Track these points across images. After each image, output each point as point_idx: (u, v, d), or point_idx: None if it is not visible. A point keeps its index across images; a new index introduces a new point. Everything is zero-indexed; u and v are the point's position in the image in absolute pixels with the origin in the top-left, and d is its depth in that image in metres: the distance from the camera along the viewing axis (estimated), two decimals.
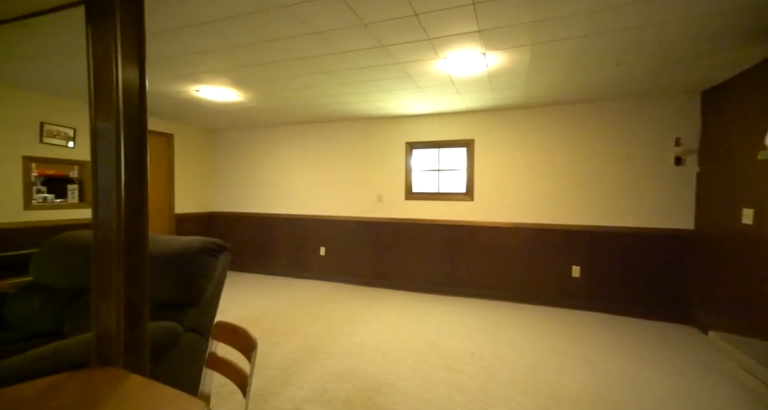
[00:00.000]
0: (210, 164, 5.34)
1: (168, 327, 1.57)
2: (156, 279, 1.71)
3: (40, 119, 3.36)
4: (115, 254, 1.18)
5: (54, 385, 1.02)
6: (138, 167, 1.22)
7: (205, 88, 3.13)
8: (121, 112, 1.17)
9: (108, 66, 1.17)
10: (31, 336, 1.89)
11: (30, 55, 2.37)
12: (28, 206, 3.30)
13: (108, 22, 1.18)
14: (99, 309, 1.24)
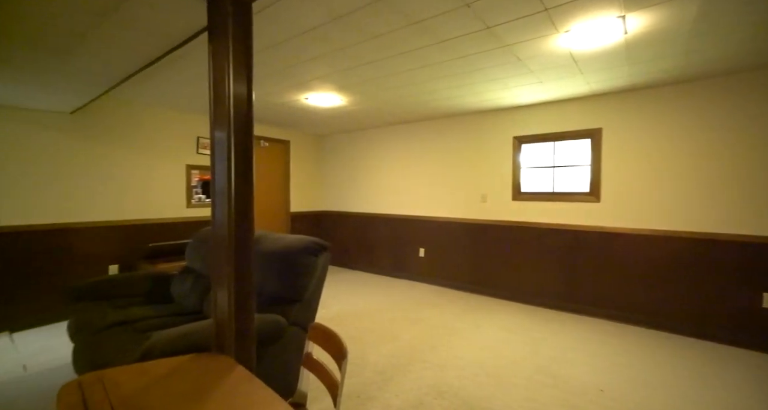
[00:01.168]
0: (319, 167, 5.82)
1: (275, 320, 1.67)
2: (266, 275, 1.86)
3: (196, 134, 4.16)
4: (227, 249, 1.29)
5: (180, 367, 1.15)
6: (245, 171, 1.31)
7: (313, 95, 3.38)
8: (232, 122, 1.27)
9: (222, 81, 1.28)
10: (184, 312, 2.28)
11: (182, 81, 2.91)
12: (189, 205, 4.12)
13: (222, 43, 1.29)
14: (217, 297, 1.38)
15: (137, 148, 3.64)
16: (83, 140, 3.29)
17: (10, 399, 2.00)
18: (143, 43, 1.73)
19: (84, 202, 3.30)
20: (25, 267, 3.00)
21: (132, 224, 3.59)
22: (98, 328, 1.93)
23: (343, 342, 1.21)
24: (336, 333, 1.26)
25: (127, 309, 2.22)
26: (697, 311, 2.89)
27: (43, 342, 2.77)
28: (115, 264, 3.49)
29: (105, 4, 1.37)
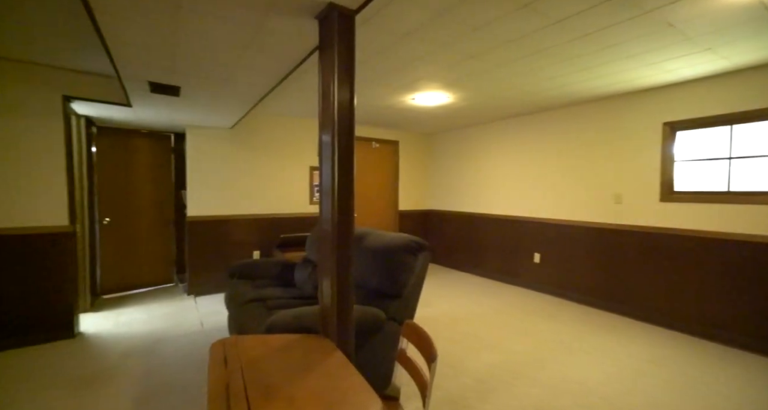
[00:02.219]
0: (426, 165, 5.86)
1: (375, 313, 1.77)
2: (368, 269, 1.98)
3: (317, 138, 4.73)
4: (330, 243, 1.42)
5: (291, 344, 1.33)
6: (347, 171, 1.42)
7: (419, 95, 3.42)
8: (336, 126, 1.39)
9: (329, 90, 1.42)
10: (303, 296, 2.63)
11: (304, 93, 3.33)
12: (311, 202, 4.72)
13: (329, 56, 1.42)
14: (322, 286, 1.54)
15: (273, 152, 4.35)
16: (238, 147, 4.10)
17: (193, 344, 2.66)
18: (274, 65, 2.06)
19: (238, 197, 4.12)
20: (207, 248, 3.93)
21: (269, 217, 4.32)
22: (242, 301, 2.39)
23: (434, 344, 1.19)
24: (428, 334, 1.25)
25: (263, 288, 2.68)
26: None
27: (214, 306, 3.58)
28: (257, 250, 4.26)
29: (245, 37, 1.67)
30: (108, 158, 3.94)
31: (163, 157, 4.31)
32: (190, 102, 2.81)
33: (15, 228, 2.61)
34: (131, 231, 4.12)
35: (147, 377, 2.22)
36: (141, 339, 2.80)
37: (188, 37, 1.65)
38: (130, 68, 2.03)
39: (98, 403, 1.95)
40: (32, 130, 2.65)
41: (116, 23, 1.49)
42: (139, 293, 4.08)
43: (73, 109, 3.03)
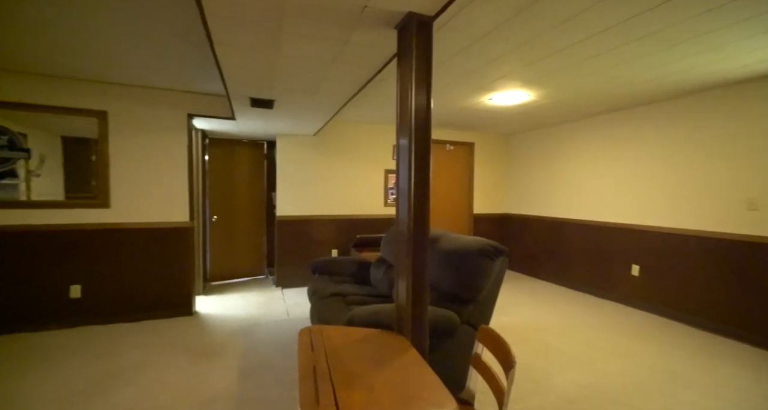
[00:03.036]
0: (503, 167, 5.58)
1: (449, 316, 1.76)
2: (443, 272, 1.98)
3: (392, 142, 4.86)
4: (406, 244, 1.47)
5: (369, 337, 1.41)
6: (423, 173, 1.45)
7: (497, 95, 3.29)
8: (413, 130, 1.44)
9: (406, 95, 1.47)
10: (378, 294, 2.74)
11: (381, 99, 3.47)
12: (386, 204, 4.87)
13: (407, 62, 1.48)
14: (398, 285, 1.60)
15: (350, 157, 4.60)
16: (320, 153, 4.44)
17: (281, 331, 2.97)
18: (355, 75, 2.20)
19: (320, 199, 4.46)
20: (292, 245, 4.35)
21: (346, 218, 4.57)
22: (324, 295, 2.59)
23: (512, 351, 1.15)
24: (505, 341, 1.22)
25: (341, 284, 2.86)
26: None
27: (298, 298, 3.94)
28: (335, 248, 4.54)
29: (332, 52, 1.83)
30: (216, 164, 4.61)
31: (257, 163, 4.89)
32: (281, 113, 3.15)
33: (154, 223, 3.23)
34: (232, 228, 4.75)
35: (246, 354, 2.54)
36: (240, 321, 3.22)
37: (285, 57, 1.86)
38: (237, 87, 2.37)
39: (212, 371, 2.30)
40: (165, 143, 3.25)
41: (230, 51, 1.76)
42: (238, 282, 4.67)
43: (194, 124, 3.63)
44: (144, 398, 2.00)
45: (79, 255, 3.02)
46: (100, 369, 2.31)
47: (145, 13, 1.86)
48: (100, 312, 3.09)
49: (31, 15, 1.90)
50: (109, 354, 2.52)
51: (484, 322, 1.88)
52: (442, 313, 1.74)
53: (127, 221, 3.15)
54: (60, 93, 2.94)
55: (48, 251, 2.94)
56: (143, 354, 2.54)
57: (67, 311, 3.00)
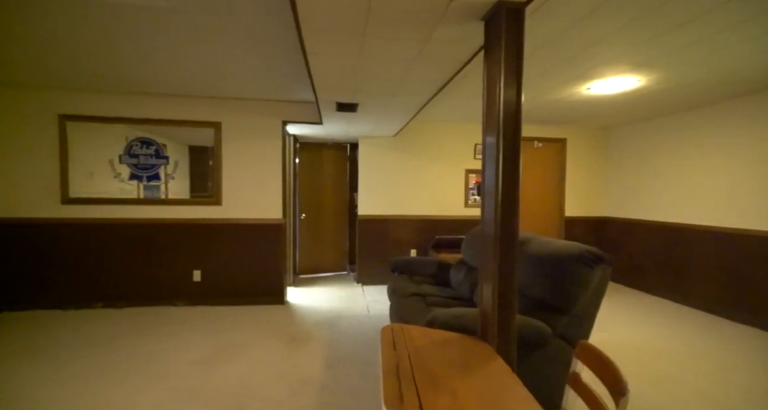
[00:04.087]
0: (600, 165, 4.92)
1: (537, 326, 1.62)
2: (532, 278, 1.83)
3: (474, 141, 4.68)
4: (493, 247, 1.39)
5: (451, 341, 1.37)
6: (512, 172, 1.35)
7: (597, 84, 2.92)
8: (501, 126, 1.35)
9: (494, 89, 1.39)
10: (458, 296, 2.66)
11: (463, 97, 3.35)
12: (466, 205, 4.71)
13: (496, 54, 1.39)
14: (483, 290, 1.52)
15: (429, 157, 4.56)
16: (399, 154, 4.51)
17: (362, 326, 3.09)
18: (437, 73, 2.17)
19: (399, 199, 4.52)
20: (372, 244, 4.51)
21: (425, 218, 4.55)
22: (404, 295, 2.61)
23: (623, 376, 1.00)
24: (613, 362, 1.06)
25: (421, 285, 2.85)
26: None
27: (378, 296, 4.06)
28: (414, 248, 4.56)
29: (413, 51, 1.83)
30: (305, 166, 5.02)
31: (341, 164, 5.18)
32: (364, 116, 3.28)
33: (253, 219, 3.66)
34: (318, 226, 5.12)
35: (331, 345, 2.71)
36: (325, 314, 3.44)
37: (368, 61, 1.93)
38: (325, 93, 2.54)
39: (301, 357, 2.51)
40: (264, 148, 3.66)
41: (320, 60, 1.90)
42: (322, 277, 5.01)
43: (287, 130, 4.01)
44: (248, 374, 2.27)
45: (199, 246, 3.58)
46: (213, 344, 2.70)
47: (253, 33, 2.11)
48: (213, 294, 3.62)
49: (172, 48, 2.32)
50: (220, 332, 2.93)
51: (582, 338, 1.68)
52: (532, 323, 1.60)
53: (234, 217, 3.63)
54: (187, 109, 3.53)
55: (178, 240, 3.55)
56: (246, 335, 2.89)
57: (191, 292, 3.58)
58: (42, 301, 3.39)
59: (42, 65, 2.74)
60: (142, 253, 3.51)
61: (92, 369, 2.29)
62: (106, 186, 3.47)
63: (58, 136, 3.38)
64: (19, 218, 3.35)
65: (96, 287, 3.46)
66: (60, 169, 3.38)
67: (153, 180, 3.56)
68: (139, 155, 3.52)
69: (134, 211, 3.50)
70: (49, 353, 2.50)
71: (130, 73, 2.88)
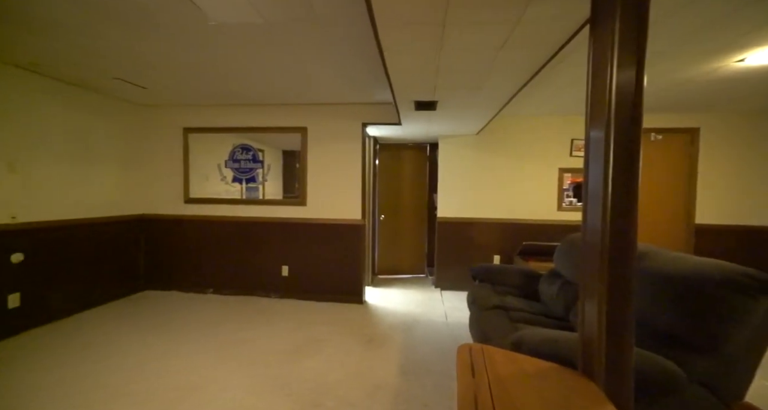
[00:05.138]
0: (747, 159, 3.83)
1: (665, 366, 1.28)
2: (654, 302, 1.46)
3: (570, 136, 4.11)
4: (599, 259, 1.12)
5: (545, 373, 1.15)
6: (628, 171, 1.07)
7: (754, 54, 2.24)
8: (613, 116, 1.08)
9: (603, 72, 1.13)
10: (550, 314, 2.33)
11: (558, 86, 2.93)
12: (560, 208, 4.17)
13: (607, 27, 1.13)
14: (584, 311, 1.25)
15: (516, 155, 4.16)
16: (482, 153, 4.21)
17: (438, 334, 2.95)
18: (526, 61, 1.91)
19: (481, 201, 4.23)
20: (452, 247, 4.32)
21: (511, 222, 4.16)
22: (485, 306, 2.39)
23: None
24: None
25: (504, 296, 2.58)
26: None
27: (457, 303, 3.85)
28: (497, 254, 4.21)
29: (500, 37, 1.63)
30: (385, 168, 5.06)
31: (420, 165, 5.08)
32: (444, 114, 3.12)
33: (334, 219, 3.80)
34: (397, 227, 5.11)
35: (406, 350, 2.63)
36: (402, 317, 3.38)
37: (447, 53, 1.79)
38: (402, 92, 2.47)
39: (376, 359, 2.48)
40: (344, 150, 3.77)
41: (397, 57, 1.83)
42: (400, 278, 4.99)
43: (367, 132, 4.08)
44: (325, 370, 2.33)
45: (287, 243, 3.86)
46: (296, 337, 2.85)
47: (333, 39, 2.16)
48: (299, 289, 3.86)
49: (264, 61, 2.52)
50: (303, 326, 3.10)
51: (736, 388, 1.27)
52: (656, 360, 1.27)
53: (317, 217, 3.82)
54: (278, 116, 3.84)
55: (271, 237, 3.89)
56: (326, 331, 2.99)
57: (280, 285, 3.89)
58: (172, 284, 4.06)
59: (169, 87, 3.26)
60: (242, 247, 3.93)
61: (200, 348, 2.62)
62: (216, 187, 3.99)
63: (182, 146, 4.00)
64: (156, 214, 4.06)
65: (208, 275, 4.00)
66: (183, 173, 4.01)
67: (250, 182, 3.97)
68: (240, 160, 3.96)
69: (236, 210, 3.94)
70: (170, 329, 2.95)
71: (233, 88, 3.23)
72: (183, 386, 2.12)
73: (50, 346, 2.61)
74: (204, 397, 2.01)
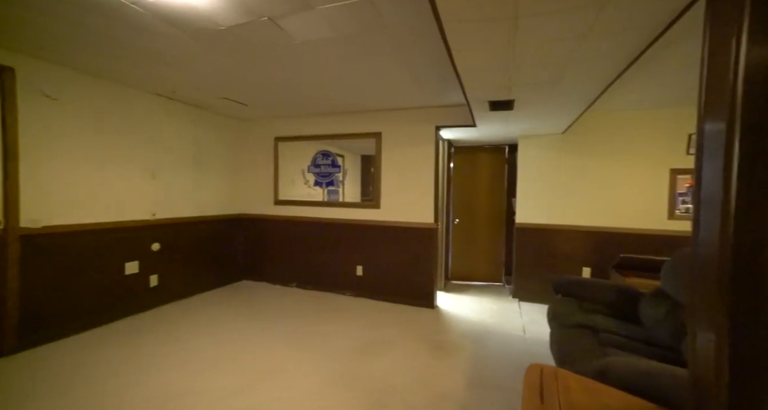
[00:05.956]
0: None
1: None
2: None
3: (687, 131, 3.44)
4: (716, 280, 0.91)
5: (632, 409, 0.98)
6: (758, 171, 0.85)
7: None
8: (739, 102, 0.87)
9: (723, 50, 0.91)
10: (652, 341, 1.98)
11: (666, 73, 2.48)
12: (672, 216, 3.51)
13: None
14: (695, 343, 1.03)
15: (611, 155, 3.64)
16: (569, 153, 3.80)
17: (513, 348, 2.74)
18: (616, 50, 1.66)
19: (567, 206, 3.82)
20: (532, 256, 3.99)
21: (604, 231, 3.66)
22: (567, 324, 2.14)
23: None
24: None
25: (593, 314, 2.28)
26: None
27: (537, 316, 3.53)
28: (587, 267, 3.74)
29: (582, 25, 1.45)
30: (460, 171, 4.92)
31: (498, 168, 4.81)
32: (522, 113, 2.90)
33: (406, 222, 3.82)
34: (472, 232, 4.91)
35: (476, 362, 2.51)
36: (474, 325, 3.23)
37: (522, 47, 1.66)
38: (475, 92, 2.37)
39: (443, 367, 2.42)
40: (417, 154, 3.77)
41: (467, 56, 1.76)
42: (474, 285, 4.77)
43: (440, 135, 4.02)
44: (392, 372, 2.35)
45: (362, 244, 4.02)
46: (366, 336, 2.94)
47: (401, 45, 2.19)
48: (371, 289, 3.98)
49: (340, 72, 2.68)
50: (373, 325, 3.18)
51: None
52: None
53: (390, 219, 3.89)
54: (355, 123, 4.03)
55: (348, 238, 4.09)
56: (395, 333, 3.02)
57: (354, 284, 4.06)
58: (263, 276, 4.56)
59: (264, 102, 3.68)
60: (322, 246, 4.22)
61: (280, 336, 2.88)
62: (301, 190, 4.37)
63: (273, 153, 4.48)
64: (251, 214, 4.61)
65: (292, 269, 4.39)
66: (274, 177, 4.48)
67: (330, 185, 4.24)
68: (320, 165, 4.26)
69: (317, 211, 4.25)
70: (259, 316, 3.32)
71: (315, 99, 3.50)
72: (264, 369, 2.36)
73: (175, 321, 3.15)
74: (281, 382, 2.20)
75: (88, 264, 2.94)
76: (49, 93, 2.64)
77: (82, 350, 2.56)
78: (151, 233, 3.45)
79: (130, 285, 3.28)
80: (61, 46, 2.35)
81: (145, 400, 1.98)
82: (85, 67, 2.73)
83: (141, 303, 3.36)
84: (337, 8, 1.76)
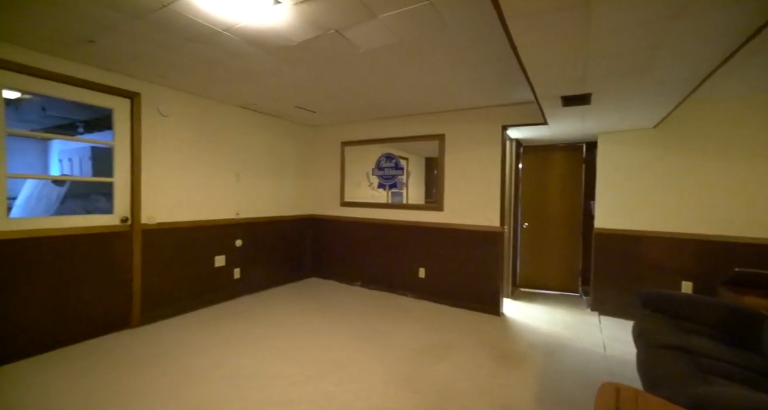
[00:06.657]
0: None
1: None
2: None
3: None
4: None
5: None
6: None
7: None
8: None
9: None
10: None
11: None
12: None
13: None
14: None
15: (719, 151, 3.09)
16: (662, 150, 3.33)
17: (590, 365, 2.49)
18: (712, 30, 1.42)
19: (657, 210, 3.34)
20: (615, 265, 3.59)
21: (712, 240, 3.12)
22: (656, 344, 1.88)
23: None
24: None
25: (690, 335, 1.97)
26: None
27: (621, 333, 3.16)
28: (688, 281, 3.22)
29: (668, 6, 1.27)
30: (530, 172, 4.62)
31: (573, 168, 4.41)
32: (602, 107, 2.63)
33: (470, 225, 3.72)
34: (543, 237, 4.57)
35: (546, 376, 2.34)
36: (544, 337, 3.01)
37: (597, 36, 1.52)
38: (545, 89, 2.22)
39: (509, 378, 2.31)
40: (482, 155, 3.65)
41: (534, 51, 1.67)
42: (545, 294, 4.43)
43: (508, 134, 3.83)
44: (453, 378, 2.31)
45: (425, 246, 4.01)
46: (428, 338, 2.93)
47: (460, 45, 2.15)
48: (433, 292, 3.95)
49: (403, 75, 2.73)
50: (435, 328, 3.15)
51: None
52: None
53: (453, 222, 3.82)
54: (418, 126, 4.05)
55: (411, 239, 4.12)
56: (458, 338, 2.96)
57: (417, 286, 4.07)
58: (330, 274, 4.83)
59: (331, 109, 3.91)
60: (386, 247, 4.31)
61: (345, 332, 3.02)
62: (365, 192, 4.53)
63: (340, 157, 4.72)
64: (320, 214, 4.92)
65: (357, 269, 4.56)
66: (340, 180, 4.72)
67: (393, 188, 4.32)
68: (384, 167, 4.36)
69: (381, 213, 4.36)
70: (326, 312, 3.52)
71: (379, 103, 3.61)
72: (331, 361, 2.49)
73: (253, 311, 3.51)
74: (347, 375, 2.31)
75: (187, 257, 3.43)
76: (163, 111, 3.16)
77: (178, 330, 2.99)
78: (235, 230, 3.89)
79: (218, 276, 3.73)
80: (174, 73, 2.80)
81: (221, 379, 2.24)
82: (189, 87, 3.21)
83: (225, 293, 3.81)
84: (399, 15, 1.81)
